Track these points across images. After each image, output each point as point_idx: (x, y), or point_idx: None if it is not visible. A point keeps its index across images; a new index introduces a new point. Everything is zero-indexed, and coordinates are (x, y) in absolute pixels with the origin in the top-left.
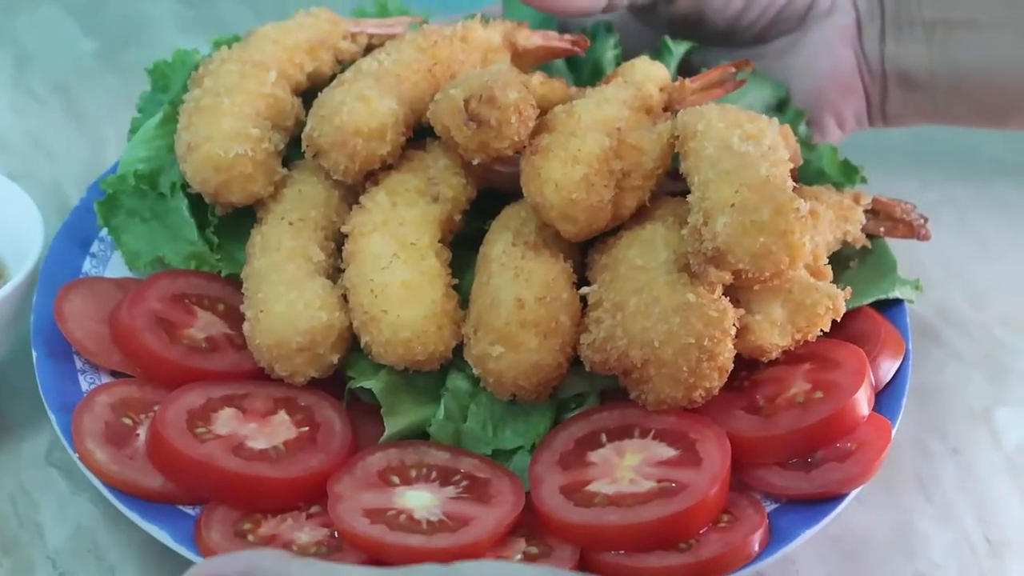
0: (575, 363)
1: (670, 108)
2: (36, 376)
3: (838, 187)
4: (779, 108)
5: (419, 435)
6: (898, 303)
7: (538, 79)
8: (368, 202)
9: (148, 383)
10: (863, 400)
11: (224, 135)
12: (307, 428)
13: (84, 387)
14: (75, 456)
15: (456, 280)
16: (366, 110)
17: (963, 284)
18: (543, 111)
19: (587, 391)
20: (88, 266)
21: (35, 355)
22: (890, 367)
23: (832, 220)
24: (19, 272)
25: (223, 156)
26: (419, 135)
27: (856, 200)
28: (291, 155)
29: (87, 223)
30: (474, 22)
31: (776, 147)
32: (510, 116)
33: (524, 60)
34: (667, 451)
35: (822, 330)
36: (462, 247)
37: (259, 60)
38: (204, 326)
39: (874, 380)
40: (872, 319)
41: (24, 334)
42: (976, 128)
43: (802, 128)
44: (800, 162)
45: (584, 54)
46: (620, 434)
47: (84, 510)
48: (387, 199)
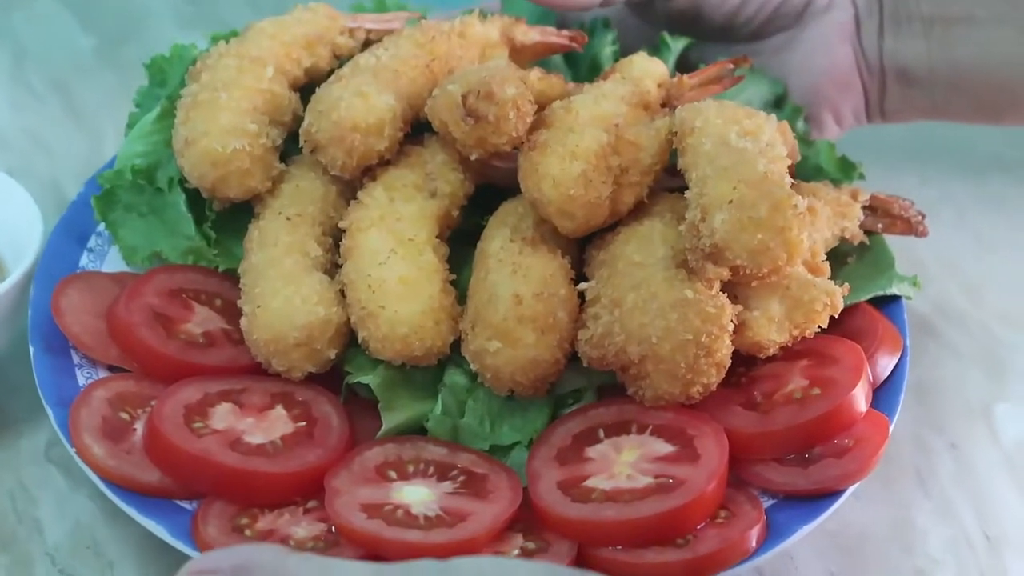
0: (573, 359)
1: (668, 104)
2: (33, 371)
3: (836, 183)
4: (777, 104)
5: (416, 430)
6: (896, 299)
7: (536, 75)
8: (366, 197)
9: (145, 378)
10: (861, 396)
11: (221, 130)
12: (304, 423)
13: (81, 382)
14: (72, 451)
15: (454, 276)
16: (364, 106)
17: (961, 280)
18: (541, 107)
19: (585, 387)
20: (85, 261)
21: (32, 350)
22: (888, 363)
23: (830, 216)
24: (17, 269)
25: (220, 151)
26: (417, 131)
27: (854, 196)
28: (289, 150)
29: (84, 218)
30: (472, 18)
31: (774, 143)
32: (508, 112)
33: (522, 56)
34: (664, 447)
35: (820, 326)
36: (460, 243)
37: (257, 55)
38: (201, 321)
39: (872, 376)
40: (870, 315)
41: (23, 330)
42: (974, 124)
43: (800, 124)
44: (798, 158)
45: (582, 50)
46: (617, 430)
47: (83, 506)
48: (385, 195)
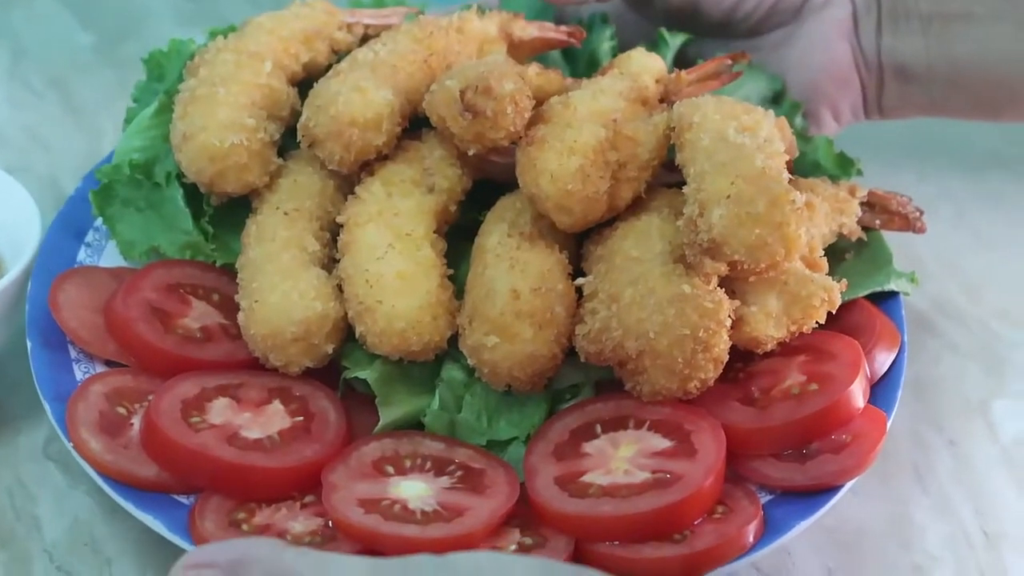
0: (570, 354)
1: (666, 100)
2: (31, 366)
3: (834, 179)
4: (775, 100)
5: (414, 425)
6: (894, 295)
7: (534, 70)
8: (363, 192)
9: (143, 373)
10: (858, 392)
11: (219, 125)
12: (301, 418)
13: (79, 376)
14: (69, 445)
15: (451, 271)
16: (362, 100)
17: (959, 277)
18: (539, 102)
19: (582, 382)
20: (83, 255)
21: (30, 345)
22: (886, 359)
23: (828, 212)
24: (16, 266)
25: (218, 146)
26: (415, 126)
27: (852, 192)
28: (287, 145)
29: (82, 213)
30: (470, 13)
31: (772, 139)
32: (506, 107)
33: (520, 51)
34: (662, 442)
35: (818, 322)
36: (457, 238)
37: (255, 50)
38: (199, 316)
39: (869, 372)
40: (868, 311)
41: (21, 327)
42: (972, 121)
43: (798, 120)
44: (796, 154)
45: (580, 45)
46: (615, 425)
47: (81, 503)
48: (382, 189)
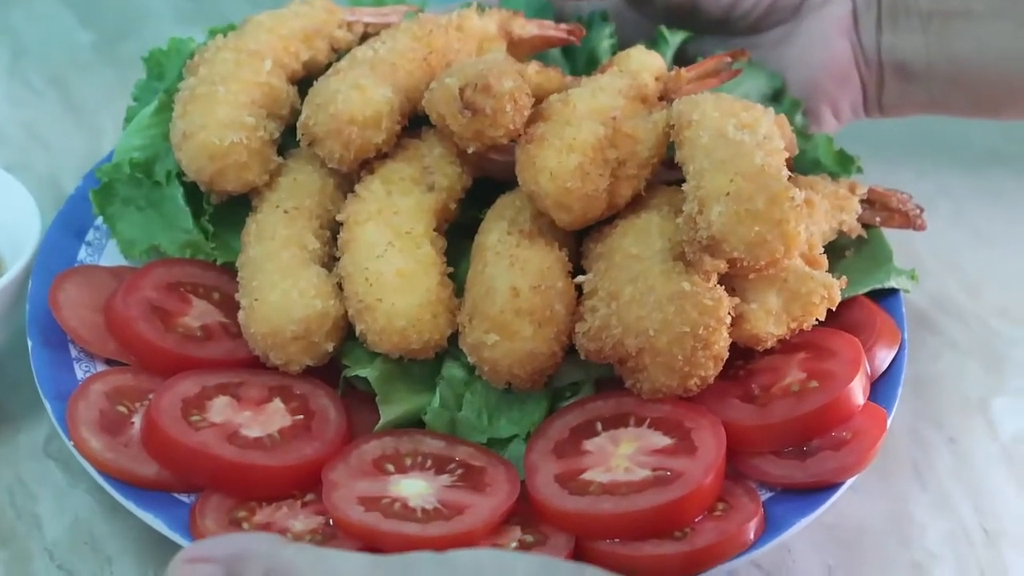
0: (570, 352)
1: (666, 97)
2: (31, 365)
3: (834, 177)
4: (775, 98)
5: (414, 423)
6: (894, 293)
7: (534, 68)
8: (363, 191)
9: (143, 371)
10: (858, 389)
11: (219, 123)
12: (302, 416)
13: (79, 375)
14: (70, 444)
15: (451, 269)
16: (361, 98)
17: (959, 274)
18: (538, 100)
19: (582, 380)
20: (83, 254)
21: (30, 343)
22: (886, 356)
23: (828, 210)
24: (16, 265)
25: (218, 144)
26: (414, 124)
27: (852, 190)
28: (286, 143)
29: (82, 211)
30: (470, 11)
31: (771, 136)
32: (505, 105)
33: (520, 49)
34: (662, 439)
35: (818, 319)
36: (457, 236)
37: (254, 48)
38: (199, 314)
39: (870, 369)
40: (868, 308)
41: (21, 326)
42: (972, 118)
43: (798, 118)
44: (795, 151)
45: (580, 43)
46: (615, 423)
47: (81, 501)
48: (382, 188)
